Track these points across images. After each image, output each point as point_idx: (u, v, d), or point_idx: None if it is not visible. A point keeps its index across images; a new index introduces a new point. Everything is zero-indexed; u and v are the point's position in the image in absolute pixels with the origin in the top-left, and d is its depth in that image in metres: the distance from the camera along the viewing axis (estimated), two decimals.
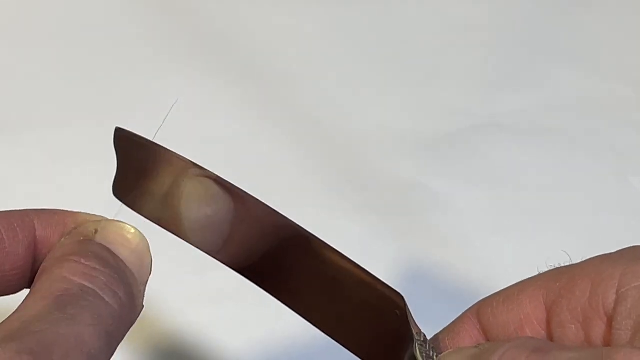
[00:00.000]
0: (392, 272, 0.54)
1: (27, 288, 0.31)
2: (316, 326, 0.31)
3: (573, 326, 0.30)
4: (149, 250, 0.31)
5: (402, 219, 0.57)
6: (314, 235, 0.30)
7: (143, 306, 0.30)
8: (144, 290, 0.31)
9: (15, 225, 0.30)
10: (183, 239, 0.31)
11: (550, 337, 0.31)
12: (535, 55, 0.67)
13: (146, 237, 0.31)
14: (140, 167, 0.32)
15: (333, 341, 0.31)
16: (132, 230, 0.31)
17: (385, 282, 0.30)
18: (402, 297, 0.30)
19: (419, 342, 0.30)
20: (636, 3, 0.71)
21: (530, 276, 0.32)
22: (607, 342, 0.29)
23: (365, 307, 0.31)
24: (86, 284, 0.28)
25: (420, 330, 0.31)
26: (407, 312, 0.30)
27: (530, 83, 0.65)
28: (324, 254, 0.30)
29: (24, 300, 0.28)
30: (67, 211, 0.32)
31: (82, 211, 0.32)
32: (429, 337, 0.32)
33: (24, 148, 0.59)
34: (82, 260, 0.29)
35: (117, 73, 0.64)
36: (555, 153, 0.61)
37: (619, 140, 0.62)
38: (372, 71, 0.66)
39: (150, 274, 0.31)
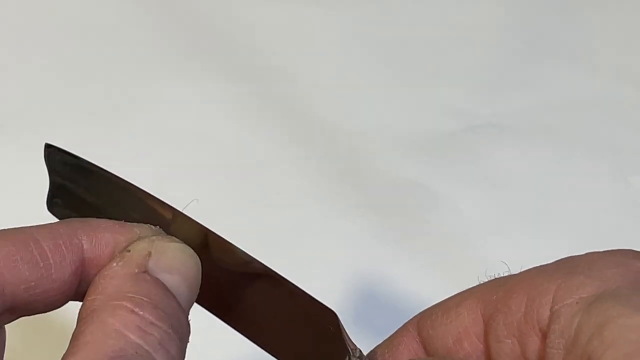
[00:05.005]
0: (391, 272, 0.54)
1: (72, 300, 0.29)
2: (251, 340, 0.31)
3: (509, 341, 0.29)
4: (199, 274, 0.29)
5: (402, 219, 0.57)
6: (240, 249, 0.30)
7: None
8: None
9: (63, 247, 0.28)
10: None
11: (488, 351, 0.30)
12: (535, 55, 0.67)
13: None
14: (73, 183, 0.31)
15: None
16: (188, 251, 0.29)
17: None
18: (334, 313, 0.30)
19: (354, 358, 0.31)
20: (636, 2, 0.71)
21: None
22: (542, 358, 0.29)
23: (299, 323, 0.30)
24: (141, 343, 0.26)
25: (355, 346, 0.31)
26: (341, 328, 0.30)
27: (530, 83, 0.65)
28: (252, 269, 0.30)
29: (73, 349, 0.26)
30: (118, 225, 0.29)
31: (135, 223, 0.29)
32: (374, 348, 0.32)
33: (24, 148, 0.59)
34: (137, 310, 0.27)
35: (116, 73, 0.64)
36: (555, 153, 0.61)
37: (618, 140, 0.62)
38: (372, 71, 0.66)
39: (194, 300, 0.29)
